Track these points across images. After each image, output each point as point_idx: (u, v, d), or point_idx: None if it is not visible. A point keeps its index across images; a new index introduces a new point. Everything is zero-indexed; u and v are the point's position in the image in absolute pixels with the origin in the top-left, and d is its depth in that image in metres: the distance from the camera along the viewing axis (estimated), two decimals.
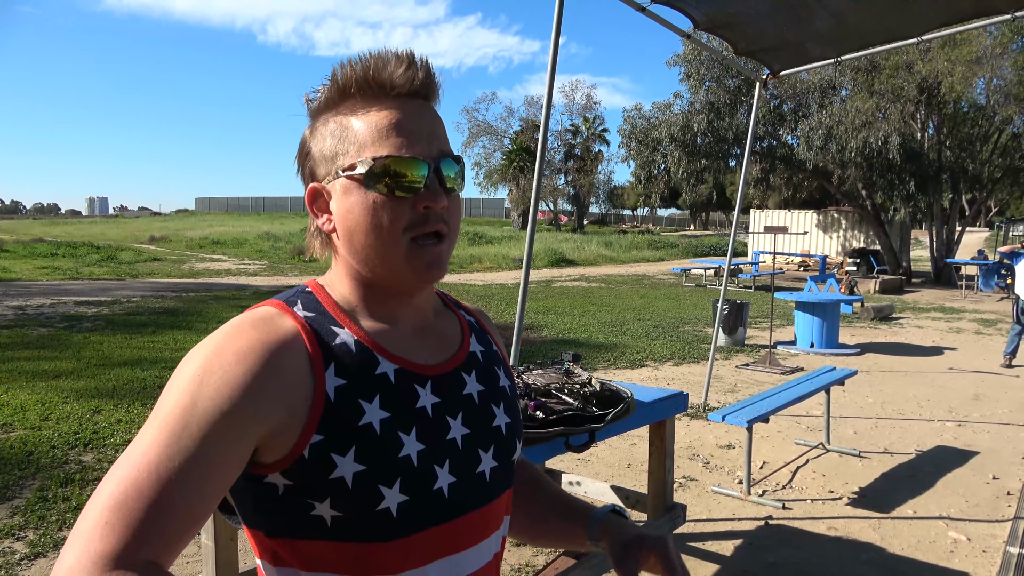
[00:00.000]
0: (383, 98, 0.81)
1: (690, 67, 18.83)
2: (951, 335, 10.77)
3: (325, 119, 0.84)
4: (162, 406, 0.73)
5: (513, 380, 1.01)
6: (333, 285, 0.87)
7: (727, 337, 9.33)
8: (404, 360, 0.84)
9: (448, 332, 0.93)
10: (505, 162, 45.16)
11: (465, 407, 0.88)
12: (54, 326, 9.51)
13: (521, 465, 1.10)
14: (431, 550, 0.82)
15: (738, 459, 4.92)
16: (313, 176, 0.85)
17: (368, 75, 0.80)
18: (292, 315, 0.81)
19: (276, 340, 0.76)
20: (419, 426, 0.82)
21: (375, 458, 0.77)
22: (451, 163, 0.83)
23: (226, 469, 0.72)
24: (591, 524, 1.00)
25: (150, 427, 0.72)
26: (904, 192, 18.23)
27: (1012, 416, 6.19)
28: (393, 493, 0.78)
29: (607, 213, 71.53)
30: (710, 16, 4.39)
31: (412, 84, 0.81)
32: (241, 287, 15.27)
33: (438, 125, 0.84)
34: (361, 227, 0.80)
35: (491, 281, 17.88)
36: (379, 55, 0.81)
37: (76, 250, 23.63)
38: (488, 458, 0.89)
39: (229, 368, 0.73)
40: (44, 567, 3.23)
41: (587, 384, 2.51)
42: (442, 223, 0.82)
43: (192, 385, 0.72)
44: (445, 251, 0.83)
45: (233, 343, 0.75)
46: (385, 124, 0.80)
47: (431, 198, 0.80)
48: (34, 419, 5.30)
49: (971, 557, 3.56)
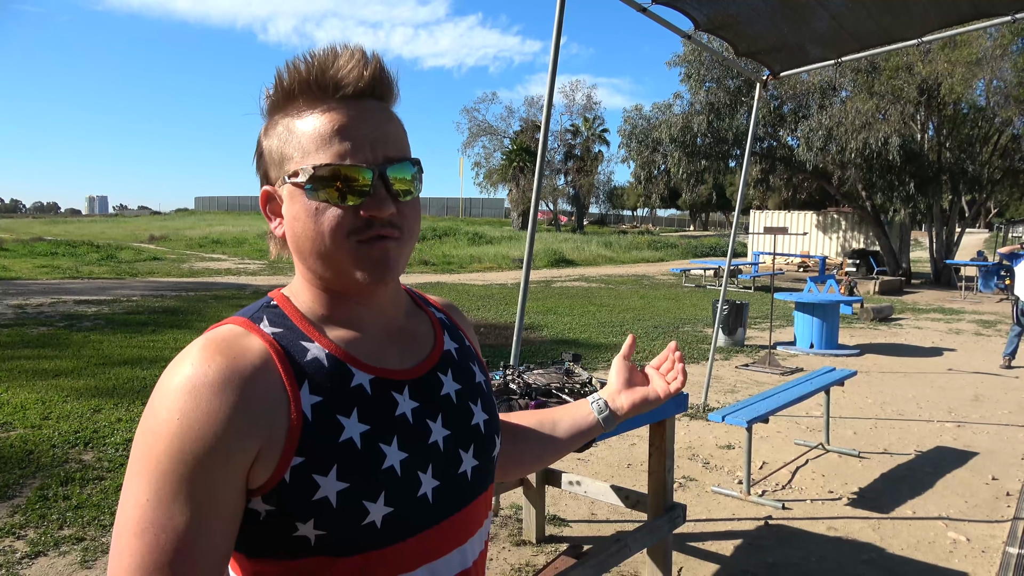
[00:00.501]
0: (328, 100, 0.77)
1: (690, 68, 18.85)
2: (951, 336, 10.78)
3: (275, 120, 0.81)
4: (148, 454, 0.70)
5: (487, 375, 1.00)
6: (297, 295, 0.84)
7: (727, 337, 9.34)
8: (378, 368, 0.82)
9: (420, 333, 0.91)
10: (505, 162, 45.16)
11: (444, 408, 0.87)
12: (54, 325, 9.51)
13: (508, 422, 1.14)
14: (417, 556, 0.81)
15: (738, 459, 4.92)
16: (267, 178, 0.83)
17: (312, 76, 0.76)
18: (259, 332, 0.77)
19: (247, 365, 0.73)
20: (400, 434, 0.80)
21: (358, 474, 0.75)
22: (404, 167, 0.79)
23: (232, 506, 0.72)
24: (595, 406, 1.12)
25: (143, 481, 0.69)
26: (904, 193, 18.24)
27: (1011, 417, 6.19)
28: (378, 507, 0.76)
29: (607, 213, 71.54)
30: (711, 17, 4.39)
31: (358, 84, 0.77)
32: (241, 286, 15.27)
33: (390, 127, 0.79)
34: (306, 234, 0.78)
35: (491, 281, 17.89)
36: (325, 53, 0.77)
37: (76, 249, 23.61)
38: (469, 457, 0.88)
39: (206, 404, 0.70)
40: (44, 566, 3.23)
41: (588, 384, 2.52)
42: (391, 228, 0.78)
43: (173, 427, 0.69)
44: (394, 249, 0.78)
45: (204, 374, 0.71)
46: (327, 130, 0.76)
47: (375, 206, 0.76)
48: (34, 418, 5.30)
49: (970, 557, 3.56)
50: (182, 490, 0.69)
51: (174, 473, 0.69)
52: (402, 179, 0.79)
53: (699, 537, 3.75)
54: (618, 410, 1.12)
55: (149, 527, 0.68)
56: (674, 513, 3.09)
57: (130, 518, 0.69)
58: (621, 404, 1.11)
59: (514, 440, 1.10)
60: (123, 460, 4.51)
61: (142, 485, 0.69)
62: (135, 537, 0.68)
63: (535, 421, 1.13)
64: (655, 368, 1.14)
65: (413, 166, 0.81)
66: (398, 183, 0.78)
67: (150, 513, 0.68)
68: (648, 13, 4.06)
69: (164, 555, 0.67)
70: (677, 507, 3.13)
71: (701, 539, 3.73)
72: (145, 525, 0.68)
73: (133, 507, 0.69)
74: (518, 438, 1.11)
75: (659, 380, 1.12)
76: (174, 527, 0.68)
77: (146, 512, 0.68)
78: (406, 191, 0.80)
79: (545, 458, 1.13)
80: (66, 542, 3.44)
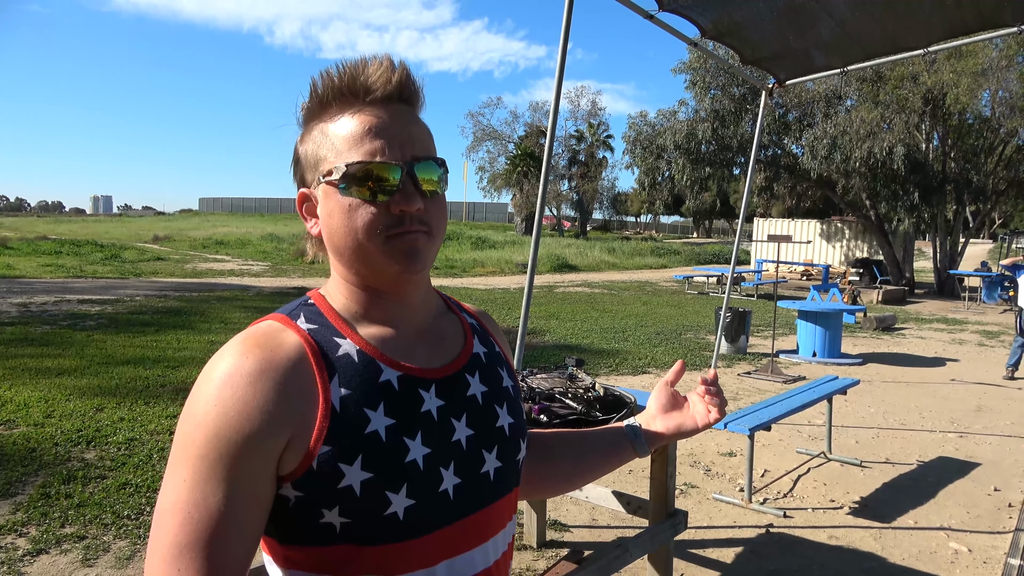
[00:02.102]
0: (358, 103, 0.82)
1: (695, 75, 18.87)
2: (953, 346, 10.76)
3: (310, 127, 0.86)
4: (187, 441, 0.75)
5: (517, 381, 1.02)
6: (333, 293, 0.89)
7: (729, 345, 9.33)
8: (407, 366, 0.85)
9: (450, 334, 0.94)
10: (509, 167, 45.19)
11: (469, 408, 0.89)
12: (58, 324, 9.54)
13: (540, 436, 1.14)
14: (438, 550, 0.83)
15: (739, 467, 4.91)
16: (303, 182, 0.88)
17: (343, 82, 0.82)
18: (295, 328, 0.82)
19: (282, 357, 0.78)
20: (424, 430, 0.83)
21: (382, 465, 0.79)
22: (430, 166, 0.84)
23: (264, 490, 0.76)
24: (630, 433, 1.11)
25: (182, 465, 0.74)
26: (908, 203, 18.23)
27: (1014, 428, 6.17)
28: (400, 498, 0.79)
29: (610, 219, 71.48)
30: (717, 24, 4.40)
31: (386, 88, 0.82)
32: (244, 288, 15.30)
33: (416, 129, 0.84)
34: (340, 230, 0.82)
35: (494, 285, 17.89)
36: (355, 62, 0.84)
37: (80, 248, 23.67)
38: (492, 458, 0.90)
39: (243, 393, 0.75)
40: (46, 563, 3.24)
41: (591, 389, 2.52)
42: (420, 224, 0.82)
43: (210, 416, 0.75)
44: (423, 242, 0.83)
45: (242, 365, 0.76)
46: (358, 130, 0.81)
47: (404, 201, 0.81)
48: (37, 416, 5.32)
49: (972, 568, 3.55)
50: (216, 472, 0.73)
51: (209, 457, 0.74)
52: (429, 178, 0.84)
53: (700, 544, 3.74)
54: (652, 437, 1.11)
55: (183, 506, 0.73)
56: (675, 519, 3.09)
57: (167, 498, 0.74)
58: (656, 429, 1.11)
59: (542, 457, 1.10)
60: (125, 459, 4.51)
61: (180, 468, 0.75)
62: (171, 516, 0.73)
63: (564, 441, 1.13)
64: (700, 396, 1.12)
65: (439, 166, 0.86)
66: (425, 182, 0.83)
67: (185, 494, 0.73)
68: (655, 20, 4.07)
69: (196, 532, 0.72)
70: (678, 513, 3.12)
71: (702, 546, 3.72)
72: (180, 504, 0.73)
73: (171, 489, 0.74)
74: (547, 455, 1.11)
75: (701, 407, 1.11)
76: (207, 507, 0.73)
77: (182, 493, 0.73)
78: (433, 190, 0.84)
79: (574, 479, 1.12)
80: (67, 540, 3.45)
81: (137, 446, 4.78)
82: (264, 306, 12.08)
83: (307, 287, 16.11)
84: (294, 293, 14.79)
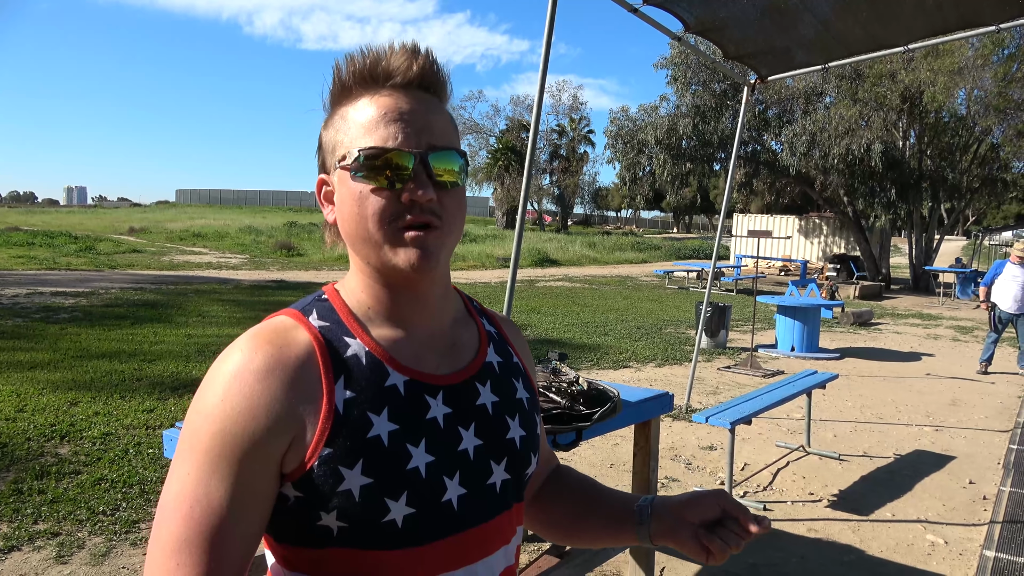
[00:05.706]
0: (379, 88, 0.80)
1: (677, 70, 18.96)
2: (929, 341, 10.92)
3: (333, 112, 0.85)
4: (194, 434, 0.75)
5: (535, 394, 0.98)
6: (348, 288, 0.87)
7: (709, 339, 9.39)
8: (415, 371, 0.83)
9: (463, 341, 0.91)
10: (490, 161, 45.13)
11: (478, 418, 0.86)
12: (30, 317, 9.36)
13: (557, 471, 1.10)
14: (439, 561, 0.81)
15: (720, 460, 4.95)
16: (323, 167, 0.86)
17: (365, 67, 0.81)
18: (307, 325, 0.81)
19: (291, 355, 0.77)
20: (428, 437, 0.81)
21: (382, 471, 0.77)
22: (448, 156, 0.80)
23: (266, 489, 0.76)
24: (637, 512, 0.97)
25: (188, 458, 0.74)
26: (885, 199, 18.47)
27: (988, 422, 6.28)
28: (399, 506, 0.77)
29: (591, 214, 71.78)
30: (701, 19, 4.41)
31: (408, 73, 0.80)
32: (222, 280, 15.13)
33: (436, 117, 0.81)
34: (351, 217, 0.80)
35: (475, 280, 17.87)
36: (379, 47, 0.82)
37: (53, 240, 23.28)
38: (500, 470, 0.87)
39: (250, 390, 0.74)
40: (18, 560, 3.17)
41: (574, 383, 2.51)
42: (431, 216, 0.79)
43: (218, 411, 0.74)
44: (433, 238, 0.79)
45: (252, 361, 0.76)
46: (375, 115, 0.79)
47: (414, 190, 0.78)
48: (8, 410, 5.21)
49: (948, 560, 3.60)
50: (219, 469, 0.73)
51: (214, 452, 0.73)
52: (446, 168, 0.81)
53: None
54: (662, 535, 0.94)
55: (186, 500, 0.72)
56: None
57: (172, 489, 0.74)
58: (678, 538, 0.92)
59: (553, 497, 1.06)
60: (100, 454, 4.44)
61: (186, 461, 0.74)
62: (173, 509, 0.73)
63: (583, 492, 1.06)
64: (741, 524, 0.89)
65: (460, 157, 0.83)
66: (441, 172, 0.80)
67: (189, 488, 0.73)
68: (639, 14, 4.07)
69: (197, 527, 0.72)
70: None
71: None
72: (183, 498, 0.73)
73: (176, 480, 0.74)
74: (558, 497, 1.06)
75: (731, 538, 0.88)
76: (209, 502, 0.72)
77: (186, 486, 0.73)
78: (452, 182, 0.81)
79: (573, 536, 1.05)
80: (40, 537, 3.38)
81: (113, 441, 4.70)
82: (243, 299, 11.94)
83: (286, 280, 15.98)
84: (272, 287, 14.65)
